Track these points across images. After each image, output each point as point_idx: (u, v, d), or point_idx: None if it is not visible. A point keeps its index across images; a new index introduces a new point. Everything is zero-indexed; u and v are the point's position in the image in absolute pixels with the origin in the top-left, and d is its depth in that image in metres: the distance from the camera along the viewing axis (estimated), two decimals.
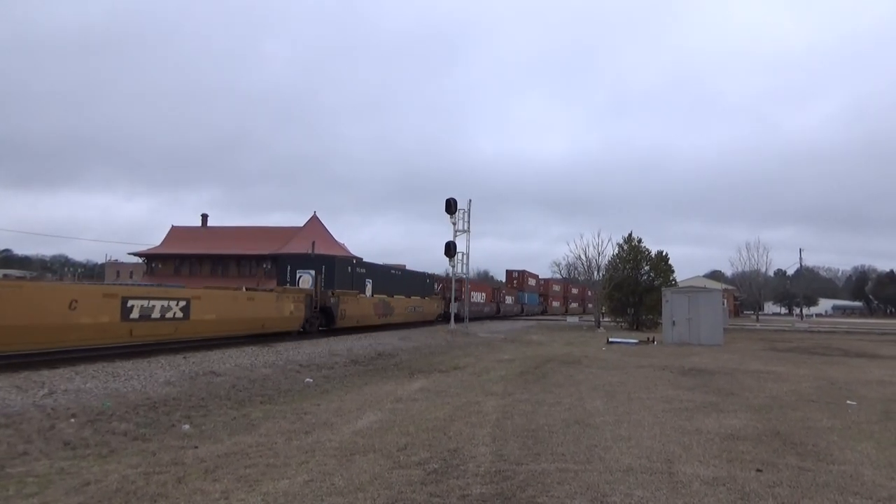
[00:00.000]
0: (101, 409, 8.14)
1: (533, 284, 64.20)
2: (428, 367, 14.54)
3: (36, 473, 5.36)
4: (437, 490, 4.74)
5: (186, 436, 7.02)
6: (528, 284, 62.13)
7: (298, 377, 12.28)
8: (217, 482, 5.05)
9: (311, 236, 54.69)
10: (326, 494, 4.67)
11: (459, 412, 8.22)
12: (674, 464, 5.57)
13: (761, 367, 14.86)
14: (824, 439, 6.81)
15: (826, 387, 11.44)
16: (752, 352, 20.12)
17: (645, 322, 36.87)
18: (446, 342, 23.34)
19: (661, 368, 13.93)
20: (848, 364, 16.41)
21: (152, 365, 12.13)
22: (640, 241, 39.35)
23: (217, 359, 13.70)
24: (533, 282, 64.31)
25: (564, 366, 14.34)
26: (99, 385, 9.79)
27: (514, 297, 56.07)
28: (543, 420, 7.60)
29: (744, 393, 10.31)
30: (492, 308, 47.63)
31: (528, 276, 62.44)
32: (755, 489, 4.86)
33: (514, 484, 4.89)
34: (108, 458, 5.98)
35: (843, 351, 21.27)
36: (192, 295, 15.91)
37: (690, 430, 7.14)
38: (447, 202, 31.04)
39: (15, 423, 7.13)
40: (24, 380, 9.60)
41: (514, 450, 6.04)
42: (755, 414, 8.31)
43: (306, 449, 6.22)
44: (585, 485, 4.87)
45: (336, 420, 7.85)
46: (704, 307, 23.87)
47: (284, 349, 16.65)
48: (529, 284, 62.47)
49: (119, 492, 4.80)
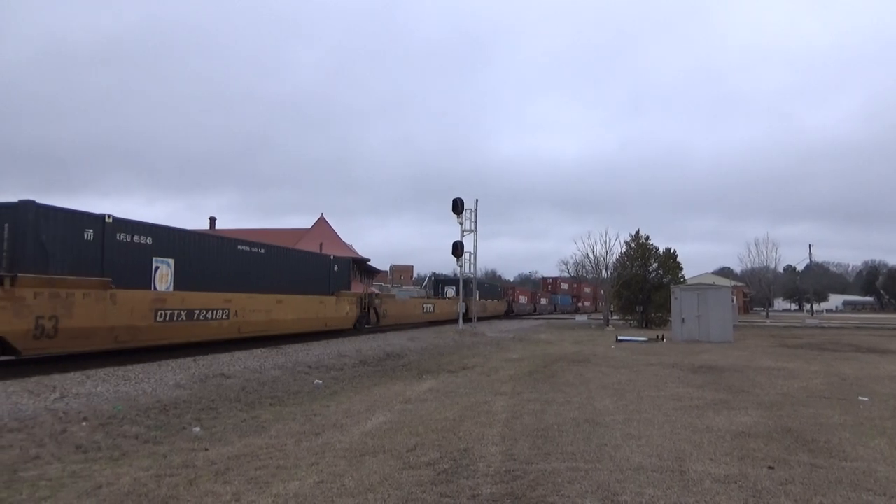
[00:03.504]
0: (112, 413, 8.19)
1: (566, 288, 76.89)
2: (437, 368, 14.55)
3: (48, 477, 5.39)
4: (448, 490, 4.73)
5: (197, 438, 7.05)
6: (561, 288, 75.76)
7: (307, 379, 12.31)
8: (228, 484, 5.07)
9: (318, 238, 54.85)
10: (337, 495, 4.68)
11: (469, 412, 8.22)
12: (685, 462, 5.54)
13: (772, 363, 14.77)
14: (836, 436, 6.76)
15: (837, 383, 11.36)
16: (762, 348, 20.00)
17: (654, 320, 36.74)
18: (454, 342, 23.33)
19: (671, 366, 13.87)
20: (859, 360, 16.28)
21: (162, 368, 12.20)
22: (647, 238, 39.24)
23: (226, 361, 13.75)
24: (566, 286, 76.87)
25: (573, 364, 14.31)
26: (110, 388, 9.85)
27: (548, 299, 70.16)
28: (553, 419, 7.58)
29: (754, 390, 10.25)
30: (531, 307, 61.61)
31: (561, 282, 75.51)
32: (767, 487, 4.82)
33: (524, 483, 4.88)
34: (119, 461, 6.01)
35: (855, 346, 21.10)
36: (277, 299, 19.04)
37: (701, 427, 7.10)
38: (454, 202, 31.03)
39: (27, 427, 7.18)
40: (36, 384, 9.66)
41: (523, 449, 6.04)
42: (766, 411, 8.25)
43: (316, 450, 6.23)
44: (596, 484, 4.85)
45: (345, 421, 7.86)
46: (714, 304, 23.75)
47: (293, 351, 16.69)
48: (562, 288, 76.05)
49: (131, 494, 4.82)
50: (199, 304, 15.60)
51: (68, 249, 12.32)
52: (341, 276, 24.37)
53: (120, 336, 13.28)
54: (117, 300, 13.09)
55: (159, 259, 14.60)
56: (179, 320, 14.94)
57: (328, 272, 23.13)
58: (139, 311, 13.75)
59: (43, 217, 11.86)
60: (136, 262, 13.93)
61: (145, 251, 14.19)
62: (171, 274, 14.90)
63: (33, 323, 11.25)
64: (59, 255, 12.11)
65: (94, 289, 12.59)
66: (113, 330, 13.04)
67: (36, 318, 11.31)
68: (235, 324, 17.06)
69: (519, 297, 58.06)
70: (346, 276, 25.30)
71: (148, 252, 14.27)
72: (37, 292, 11.37)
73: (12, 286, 10.96)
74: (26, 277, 11.21)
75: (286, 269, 20.29)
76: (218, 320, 16.35)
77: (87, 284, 12.46)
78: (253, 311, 17.77)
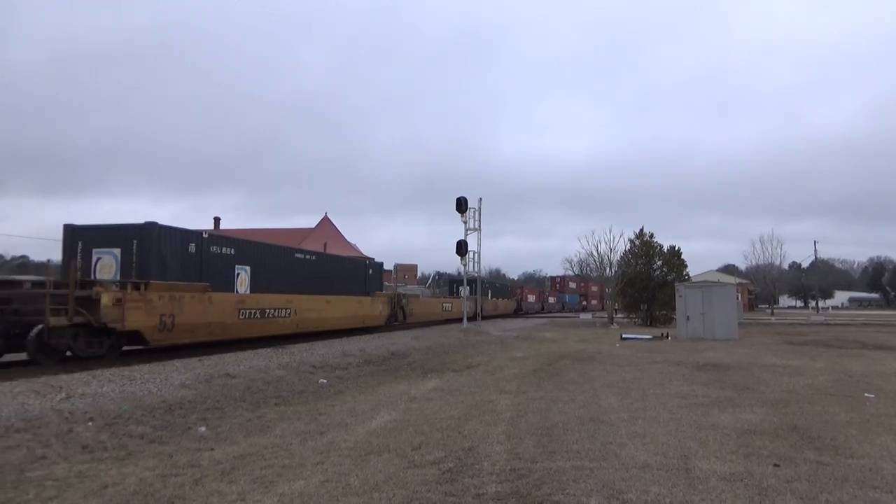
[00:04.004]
0: (118, 413, 8.22)
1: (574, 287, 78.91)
2: (441, 367, 14.55)
3: (55, 477, 5.42)
4: (453, 489, 4.73)
5: (202, 438, 7.07)
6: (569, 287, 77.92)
7: (312, 378, 12.33)
8: (233, 483, 5.08)
9: (322, 237, 55.00)
10: (342, 495, 4.68)
11: (473, 411, 8.21)
12: (690, 460, 5.53)
13: (777, 361, 14.72)
14: (842, 433, 6.73)
15: (843, 380, 11.32)
16: (767, 346, 19.94)
17: (658, 318, 36.65)
18: (459, 341, 23.33)
19: (676, 364, 13.84)
20: (865, 356, 16.22)
21: (167, 368, 12.23)
22: (651, 235, 39.16)
23: (231, 361, 13.78)
24: (574, 285, 78.71)
25: (578, 363, 14.29)
26: (115, 389, 9.88)
27: (556, 298, 73.03)
28: (558, 417, 7.57)
29: (760, 387, 10.22)
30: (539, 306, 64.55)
31: (569, 281, 77.03)
32: (773, 484, 4.81)
33: (529, 482, 4.87)
34: (125, 460, 6.03)
35: (861, 343, 21.01)
36: (326, 300, 21.76)
37: (706, 425, 7.08)
38: (457, 201, 31.00)
39: (34, 428, 7.21)
40: (43, 385, 9.70)
41: (528, 448, 6.03)
42: (772, 408, 8.23)
43: (321, 449, 6.24)
44: (601, 482, 4.85)
45: (350, 420, 7.87)
46: (718, 302, 23.68)
47: (298, 350, 16.72)
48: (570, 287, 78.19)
49: (137, 494, 4.84)
50: (268, 304, 18.29)
51: (178, 260, 15.29)
52: (375, 278, 27.14)
53: (214, 330, 15.98)
54: (213, 301, 15.81)
55: (240, 266, 17.60)
56: (255, 318, 17.69)
57: (364, 275, 25.93)
58: (227, 310, 16.46)
59: (163, 235, 14.91)
60: (224, 269, 16.93)
61: (230, 260, 17.21)
62: (248, 279, 17.87)
63: (158, 320, 13.96)
64: (173, 265, 15.07)
65: (198, 292, 15.37)
66: (210, 325, 15.78)
67: (160, 315, 14.00)
68: (295, 321, 19.71)
69: (527, 296, 61.28)
70: (378, 278, 28.09)
71: (231, 261, 17.28)
72: (160, 295, 14.01)
73: (145, 290, 13.64)
74: (154, 283, 13.95)
75: (331, 273, 23.07)
76: (283, 318, 19.04)
77: (193, 288, 15.27)
78: (308, 310, 20.46)
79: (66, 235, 15.19)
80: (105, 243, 14.84)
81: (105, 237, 14.95)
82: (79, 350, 12.85)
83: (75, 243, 14.89)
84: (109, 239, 14.85)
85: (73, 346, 12.76)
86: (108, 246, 14.78)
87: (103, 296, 12.72)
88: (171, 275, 14.85)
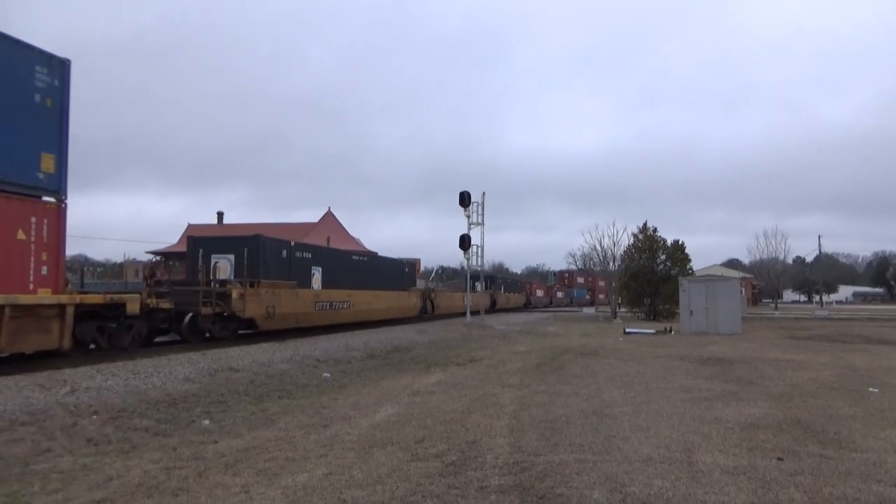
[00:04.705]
0: (122, 406, 8.26)
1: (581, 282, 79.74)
2: (444, 360, 14.56)
3: (60, 470, 5.44)
4: (456, 482, 4.74)
5: (206, 431, 7.09)
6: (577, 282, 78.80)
7: (316, 372, 12.36)
8: (237, 476, 5.10)
9: (325, 231, 55.05)
10: (345, 487, 4.69)
11: (476, 404, 8.22)
12: (693, 453, 5.53)
13: (781, 355, 14.69)
14: (846, 427, 6.72)
15: (847, 374, 11.29)
16: (771, 340, 19.90)
17: (662, 312, 36.59)
18: (462, 335, 23.35)
19: (679, 358, 13.83)
20: (869, 351, 16.18)
21: (171, 362, 12.27)
22: (655, 230, 39.05)
23: (235, 355, 13.82)
24: (581, 279, 79.31)
25: (581, 357, 14.29)
26: (120, 382, 9.92)
27: (565, 293, 74.49)
28: (561, 411, 7.58)
29: (763, 381, 10.21)
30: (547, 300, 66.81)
31: (577, 276, 77.32)
32: (776, 478, 4.81)
33: (532, 475, 4.88)
34: (129, 453, 6.06)
35: (865, 338, 20.95)
36: (374, 294, 25.79)
37: (710, 419, 7.08)
38: (460, 195, 31.02)
39: (39, 421, 7.25)
40: (47, 378, 9.74)
41: (531, 441, 6.04)
42: (775, 402, 8.22)
43: (325, 442, 6.25)
44: (604, 475, 4.85)
45: (354, 414, 7.89)
46: (722, 296, 23.64)
47: (300, 345, 16.76)
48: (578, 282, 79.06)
49: (141, 486, 4.86)
50: (335, 298, 22.50)
51: (276, 263, 19.23)
52: (409, 275, 31.32)
53: (299, 319, 20.04)
54: (299, 296, 20.00)
55: (314, 267, 21.56)
56: (326, 309, 21.89)
57: (401, 273, 30.01)
58: (308, 302, 20.69)
59: (265, 244, 18.84)
60: (304, 270, 20.84)
61: (307, 262, 21.24)
62: (320, 277, 21.71)
63: (265, 310, 17.94)
64: (273, 267, 18.96)
65: (289, 288, 19.43)
66: (297, 315, 19.87)
67: (266, 307, 17.97)
68: (353, 312, 23.98)
69: (536, 290, 64.55)
70: (412, 275, 32.06)
71: (308, 263, 21.30)
72: (266, 291, 18.02)
73: (257, 287, 17.63)
74: (263, 282, 17.95)
75: (378, 271, 27.18)
76: (345, 309, 23.31)
77: (286, 286, 19.30)
78: (362, 302, 24.64)
79: (190, 244, 19.60)
80: (221, 250, 18.66)
81: (221, 246, 19.05)
82: (216, 332, 16.84)
83: (197, 250, 18.75)
84: (225, 247, 18.85)
85: (212, 329, 16.73)
86: (224, 252, 18.55)
87: (233, 291, 16.70)
88: (271, 275, 18.58)
